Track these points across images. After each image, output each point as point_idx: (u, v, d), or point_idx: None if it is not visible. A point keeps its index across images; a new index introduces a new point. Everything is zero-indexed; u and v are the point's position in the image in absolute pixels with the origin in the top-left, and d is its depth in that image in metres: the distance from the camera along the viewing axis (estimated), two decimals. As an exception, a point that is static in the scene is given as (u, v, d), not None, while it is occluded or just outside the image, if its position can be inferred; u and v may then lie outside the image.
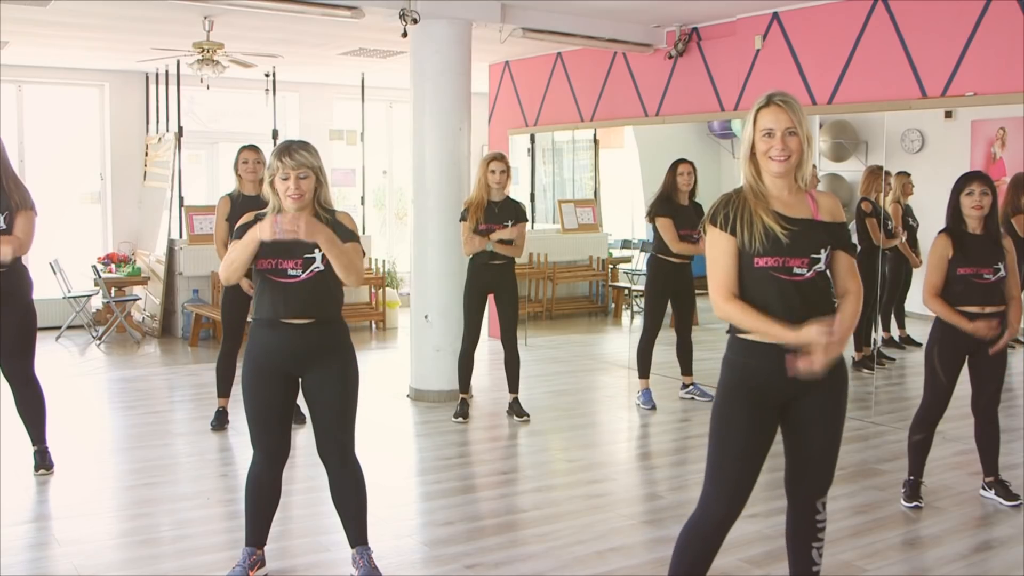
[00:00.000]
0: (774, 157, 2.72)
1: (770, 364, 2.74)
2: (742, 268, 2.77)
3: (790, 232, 2.71)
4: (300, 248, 3.29)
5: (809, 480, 2.91)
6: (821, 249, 2.74)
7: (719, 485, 2.84)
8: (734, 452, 2.80)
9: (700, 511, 2.89)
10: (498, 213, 5.87)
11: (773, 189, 2.79)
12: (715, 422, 2.85)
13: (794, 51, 6.78)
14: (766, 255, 2.71)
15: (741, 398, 2.79)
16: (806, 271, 2.72)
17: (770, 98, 2.76)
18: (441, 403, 6.62)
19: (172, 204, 9.39)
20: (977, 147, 6.34)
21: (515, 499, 4.70)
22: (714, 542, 2.88)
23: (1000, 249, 4.27)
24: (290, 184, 3.28)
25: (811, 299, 2.74)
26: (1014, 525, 4.28)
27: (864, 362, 7.06)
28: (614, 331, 10.05)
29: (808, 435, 2.85)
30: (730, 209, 2.77)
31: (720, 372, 2.88)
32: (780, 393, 2.79)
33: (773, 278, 2.72)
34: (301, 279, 3.30)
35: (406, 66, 6.97)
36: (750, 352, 2.78)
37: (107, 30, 7.65)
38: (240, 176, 5.69)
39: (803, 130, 2.73)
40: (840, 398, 2.85)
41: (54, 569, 3.76)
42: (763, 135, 2.74)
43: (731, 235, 2.76)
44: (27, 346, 4.81)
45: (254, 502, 3.53)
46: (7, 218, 4.58)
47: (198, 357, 8.46)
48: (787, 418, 2.86)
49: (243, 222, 3.37)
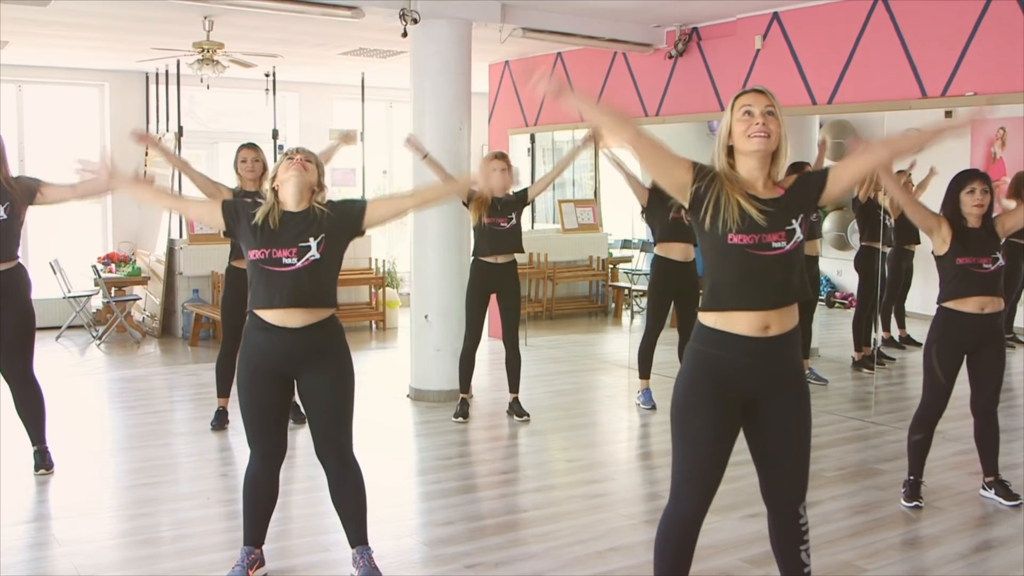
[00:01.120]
0: (753, 134, 2.67)
1: (736, 356, 2.72)
2: (715, 247, 2.71)
3: (765, 212, 2.67)
4: (294, 237, 3.31)
5: (787, 490, 2.86)
6: (793, 220, 2.70)
7: (687, 479, 2.80)
8: (701, 446, 2.76)
9: (672, 508, 2.85)
10: (500, 209, 5.89)
11: (747, 178, 2.73)
12: (678, 414, 2.80)
13: (794, 51, 6.78)
14: (740, 232, 2.66)
15: (704, 388, 2.75)
16: (786, 244, 2.68)
17: (747, 88, 2.77)
18: (441, 403, 6.62)
19: (172, 204, 9.37)
20: (977, 147, 6.35)
21: (515, 499, 4.70)
22: (691, 536, 2.85)
23: (997, 240, 4.30)
24: (294, 163, 3.34)
25: (790, 274, 2.71)
26: (1014, 525, 4.28)
27: (864, 362, 7.07)
28: (614, 331, 10.05)
29: (777, 444, 2.81)
30: (707, 180, 2.71)
31: (683, 361, 2.84)
32: (745, 387, 2.75)
33: (750, 256, 2.67)
34: (296, 267, 3.31)
35: (406, 66, 6.97)
36: (715, 342, 2.74)
37: (107, 30, 7.65)
38: (240, 175, 5.70)
39: (781, 118, 2.71)
40: (804, 403, 2.82)
41: (54, 569, 3.76)
42: (742, 115, 2.70)
43: (690, 175, 2.71)
44: (26, 346, 4.81)
45: (252, 501, 3.53)
46: (8, 209, 4.61)
47: (198, 357, 8.46)
48: (753, 427, 2.83)
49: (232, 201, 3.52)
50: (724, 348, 2.73)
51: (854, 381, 7.13)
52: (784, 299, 2.71)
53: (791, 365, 2.80)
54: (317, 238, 3.33)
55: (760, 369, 2.74)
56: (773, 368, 2.76)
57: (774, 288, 2.69)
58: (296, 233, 3.31)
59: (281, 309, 3.31)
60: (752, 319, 2.70)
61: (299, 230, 3.32)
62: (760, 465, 2.88)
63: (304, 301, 3.33)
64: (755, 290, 2.69)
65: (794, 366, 2.81)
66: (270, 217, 3.33)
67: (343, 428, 3.47)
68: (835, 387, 7.02)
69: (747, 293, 2.69)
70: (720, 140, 2.77)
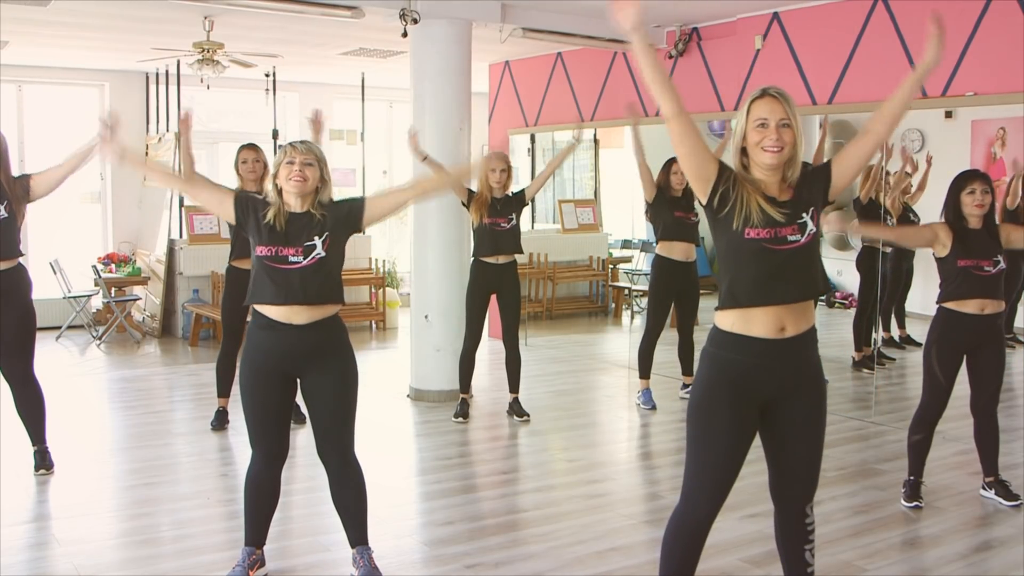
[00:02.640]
0: (767, 148, 2.69)
1: (751, 358, 2.73)
2: (732, 243, 2.73)
3: (782, 212, 2.70)
4: (301, 236, 3.33)
5: (797, 488, 2.88)
6: (804, 213, 2.72)
7: (701, 482, 2.82)
8: (715, 449, 2.77)
9: (683, 508, 2.87)
10: (500, 209, 5.89)
11: (762, 181, 2.75)
12: (694, 418, 2.81)
13: (794, 51, 6.78)
14: (757, 227, 2.68)
15: (721, 392, 2.76)
16: (800, 237, 2.69)
17: (765, 90, 2.74)
18: (441, 403, 6.62)
19: (172, 204, 9.39)
20: (977, 147, 6.34)
21: (515, 499, 4.70)
22: (700, 538, 2.86)
23: (998, 242, 4.29)
24: (295, 168, 3.32)
25: (806, 269, 2.72)
26: (1014, 525, 4.28)
27: (864, 362, 7.06)
28: (614, 331, 10.05)
29: (792, 445, 2.82)
30: (730, 181, 2.73)
31: (699, 365, 2.85)
32: (762, 390, 2.76)
33: (767, 251, 2.68)
34: (302, 265, 3.32)
35: (406, 66, 6.97)
36: (731, 345, 2.74)
37: (107, 30, 7.65)
38: (241, 176, 5.69)
39: (797, 124, 2.72)
40: (821, 404, 2.83)
41: (54, 569, 3.76)
42: (756, 125, 2.70)
43: (718, 166, 2.72)
44: (27, 346, 4.81)
45: (253, 502, 3.53)
46: (7, 207, 4.62)
47: (198, 357, 8.46)
48: (768, 425, 2.83)
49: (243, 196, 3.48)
50: (740, 351, 2.73)
51: (854, 381, 7.13)
52: (801, 294, 2.71)
53: (808, 366, 2.80)
54: (322, 236, 3.35)
55: (777, 372, 2.74)
56: (790, 370, 2.76)
57: (791, 283, 2.70)
58: (302, 233, 3.34)
59: (286, 305, 3.33)
60: (768, 319, 2.70)
61: (305, 230, 3.35)
62: (772, 462, 2.89)
63: (310, 298, 3.34)
64: (773, 285, 2.69)
65: (811, 367, 2.81)
66: (277, 220, 3.35)
67: (345, 428, 3.47)
68: (835, 387, 7.00)
69: (765, 289, 2.69)
70: (735, 141, 2.78)
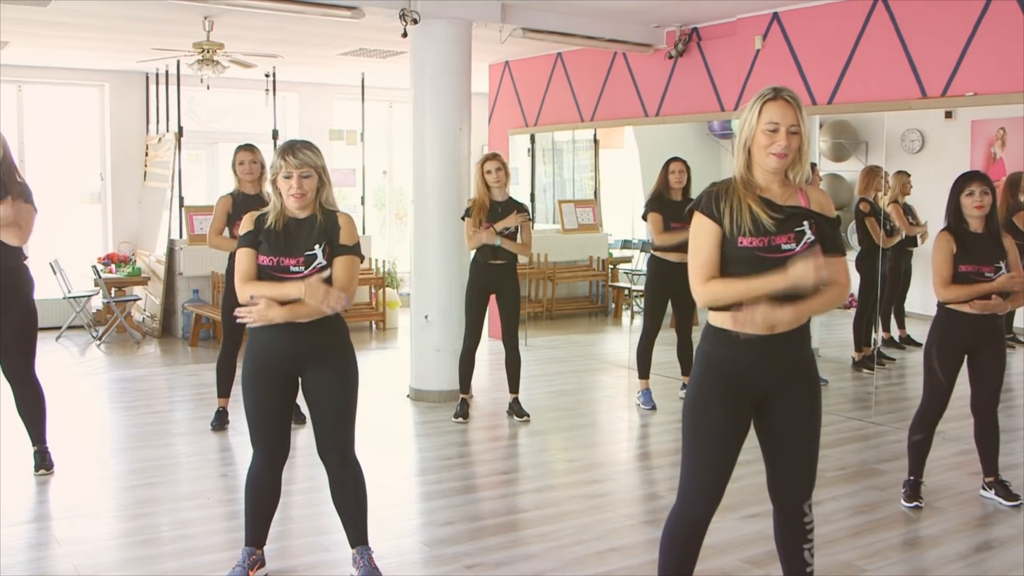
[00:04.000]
0: (775, 153, 2.69)
1: (746, 356, 2.73)
2: (726, 252, 2.74)
3: (776, 219, 2.70)
4: (302, 244, 3.32)
5: (794, 486, 2.88)
6: (804, 221, 2.72)
7: (697, 480, 2.82)
8: (711, 447, 2.78)
9: (680, 507, 2.87)
10: (501, 213, 5.89)
11: (762, 182, 2.76)
12: (690, 415, 2.82)
13: (794, 51, 6.78)
14: (751, 236, 2.69)
15: (715, 389, 2.77)
16: (795, 245, 2.70)
17: (778, 92, 2.72)
18: (441, 403, 6.62)
19: (172, 204, 9.38)
20: (977, 147, 6.34)
21: (515, 499, 4.70)
22: (698, 536, 2.87)
23: (1001, 247, 4.27)
24: (292, 183, 3.30)
25: None
26: (1014, 525, 4.28)
27: (864, 362, 7.06)
28: (614, 331, 10.05)
29: (787, 443, 2.83)
30: (717, 198, 2.75)
31: (694, 363, 2.86)
32: (755, 386, 2.77)
33: (759, 259, 2.69)
34: (304, 274, 3.32)
35: (406, 66, 6.97)
36: (726, 343, 2.75)
37: (107, 30, 7.65)
38: (238, 176, 5.69)
39: (804, 130, 2.72)
40: (815, 400, 2.83)
41: (54, 569, 3.76)
42: (767, 129, 2.70)
43: (716, 224, 2.73)
44: (28, 346, 4.81)
45: (254, 502, 3.53)
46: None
47: (198, 357, 8.46)
48: (763, 422, 2.84)
49: (244, 231, 3.39)
50: (732, 347, 2.74)
51: (854, 381, 7.13)
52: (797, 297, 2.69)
53: (801, 362, 2.81)
54: (321, 244, 3.34)
55: (769, 367, 2.75)
56: (782, 366, 2.77)
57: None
58: (302, 241, 3.33)
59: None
60: None
61: (306, 236, 3.34)
62: (769, 460, 2.90)
63: None
64: None
65: (804, 363, 2.82)
66: (278, 223, 3.34)
67: (346, 427, 3.47)
68: (835, 387, 7.02)
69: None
70: (740, 139, 2.77)
